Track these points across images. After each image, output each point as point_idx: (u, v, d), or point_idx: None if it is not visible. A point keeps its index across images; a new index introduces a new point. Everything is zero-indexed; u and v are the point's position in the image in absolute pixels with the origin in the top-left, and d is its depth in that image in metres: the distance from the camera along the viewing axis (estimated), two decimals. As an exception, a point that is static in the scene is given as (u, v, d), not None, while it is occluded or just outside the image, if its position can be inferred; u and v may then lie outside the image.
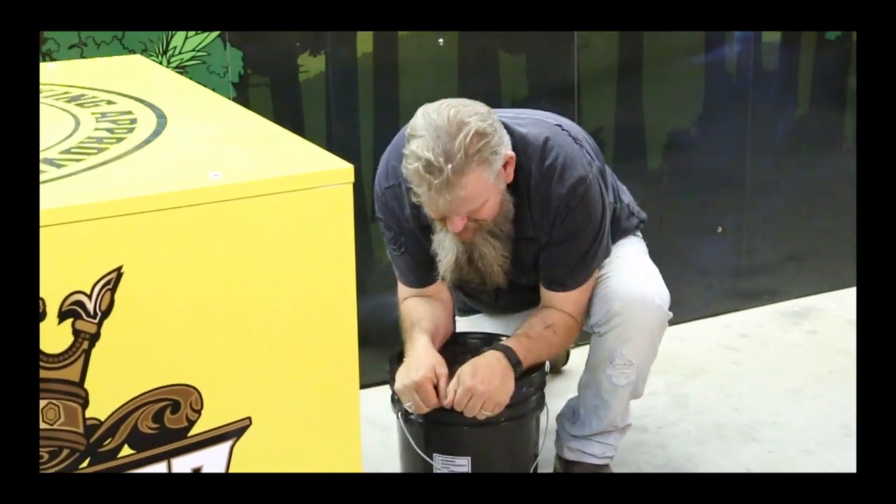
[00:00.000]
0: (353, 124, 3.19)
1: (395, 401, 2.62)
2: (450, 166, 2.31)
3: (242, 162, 1.88)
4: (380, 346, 2.73)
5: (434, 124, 2.34)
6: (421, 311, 2.67)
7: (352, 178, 1.81)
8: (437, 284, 2.69)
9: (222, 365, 1.77)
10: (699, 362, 3.58)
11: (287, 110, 3.10)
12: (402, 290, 2.73)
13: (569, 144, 2.54)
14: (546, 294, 2.63)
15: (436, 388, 2.50)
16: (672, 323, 3.72)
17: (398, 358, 2.65)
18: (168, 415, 1.75)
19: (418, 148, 2.33)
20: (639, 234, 2.85)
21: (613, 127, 3.59)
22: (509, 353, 2.54)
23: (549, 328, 2.60)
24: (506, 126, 2.47)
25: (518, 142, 2.50)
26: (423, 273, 2.65)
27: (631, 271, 2.65)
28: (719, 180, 3.82)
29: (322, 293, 1.82)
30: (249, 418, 1.82)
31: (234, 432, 1.81)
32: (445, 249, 2.55)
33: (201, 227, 1.71)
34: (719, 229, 3.86)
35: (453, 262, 2.55)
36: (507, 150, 2.44)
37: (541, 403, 2.65)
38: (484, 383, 2.49)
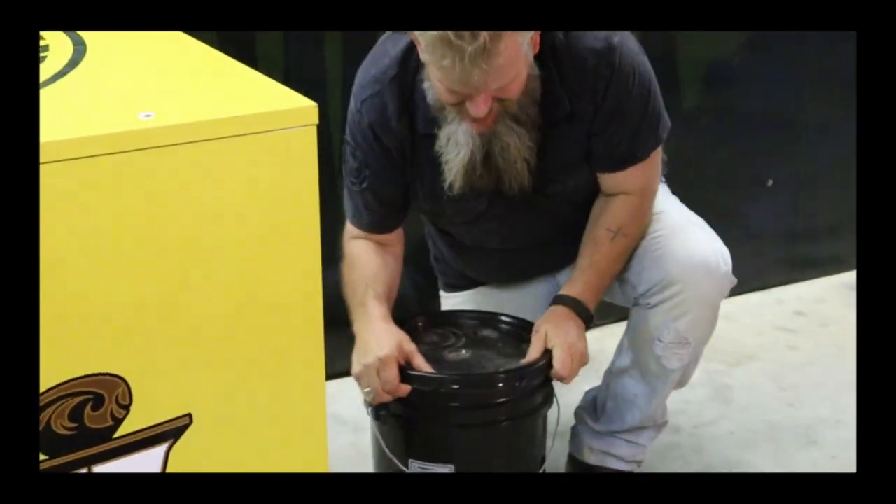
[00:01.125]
0: (316, 52, 3.18)
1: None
2: (485, 31, 2.30)
3: (180, 99, 1.87)
4: (349, 327, 2.73)
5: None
6: (374, 270, 2.66)
7: (316, 119, 1.81)
8: (396, 234, 2.70)
9: (156, 350, 1.78)
10: (745, 347, 3.59)
11: (234, 33, 3.08)
12: (351, 230, 2.73)
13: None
14: (611, 180, 2.64)
15: (402, 370, 2.50)
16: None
17: None
18: (88, 412, 1.75)
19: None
20: (663, 179, 2.87)
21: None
22: (579, 311, 2.60)
23: (616, 235, 2.63)
24: None
25: None
26: (384, 215, 2.66)
27: (686, 229, 2.66)
28: (769, 122, 3.83)
29: (279, 262, 1.83)
30: (189, 416, 1.82)
31: (170, 433, 1.82)
32: (458, 145, 2.53)
33: (129, 179, 1.71)
34: (770, 182, 3.87)
35: (467, 160, 2.53)
36: None
37: (549, 398, 2.65)
38: (581, 340, 2.57)
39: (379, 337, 2.52)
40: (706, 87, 3.70)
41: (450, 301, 2.96)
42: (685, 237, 2.64)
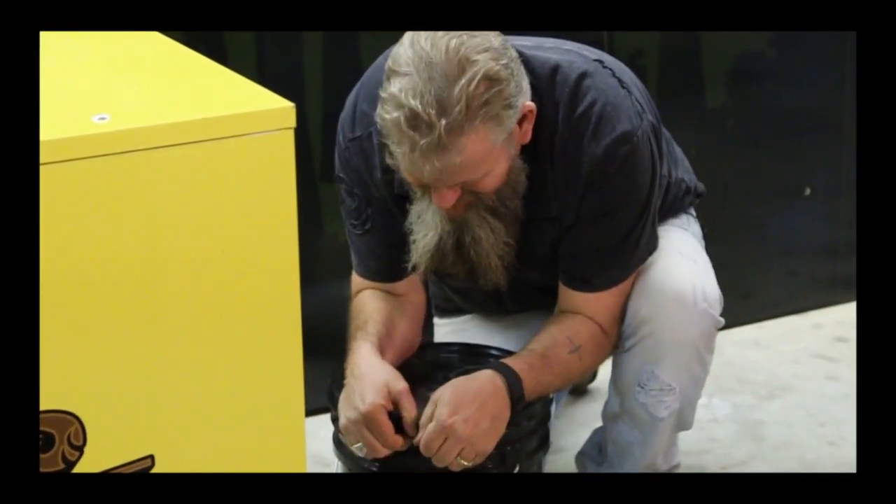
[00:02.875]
0: (294, 48, 3.19)
1: (339, 443, 2.59)
2: (444, 122, 2.26)
3: (139, 100, 1.88)
4: (333, 356, 2.73)
5: (427, 59, 2.28)
6: (371, 310, 2.64)
7: (293, 122, 1.81)
8: (409, 282, 2.68)
9: (113, 383, 1.78)
10: (779, 377, 3.60)
11: (203, 32, 3.10)
12: (357, 282, 2.72)
13: (612, 88, 2.50)
14: (567, 296, 2.62)
15: (392, 416, 2.47)
16: (743, 322, 3.75)
17: (340, 378, 2.63)
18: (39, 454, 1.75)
19: (401, 91, 2.28)
20: (692, 211, 2.86)
21: (658, 50, 3.60)
22: (512, 383, 2.50)
23: (575, 352, 2.58)
24: (523, 58, 2.46)
25: (541, 78, 2.47)
26: (392, 262, 2.62)
27: (668, 262, 2.63)
28: (807, 124, 3.84)
29: (254, 281, 1.83)
30: (151, 458, 1.83)
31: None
32: (426, 226, 2.50)
33: (81, 192, 1.71)
34: (807, 191, 3.88)
35: (434, 245, 2.50)
36: (525, 100, 2.40)
37: (543, 443, 2.65)
38: (468, 422, 2.42)
39: (362, 383, 2.48)
40: (733, 83, 3.71)
41: (443, 329, 2.95)
42: (662, 269, 2.60)
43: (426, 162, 2.28)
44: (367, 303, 2.65)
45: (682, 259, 2.63)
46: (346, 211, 2.65)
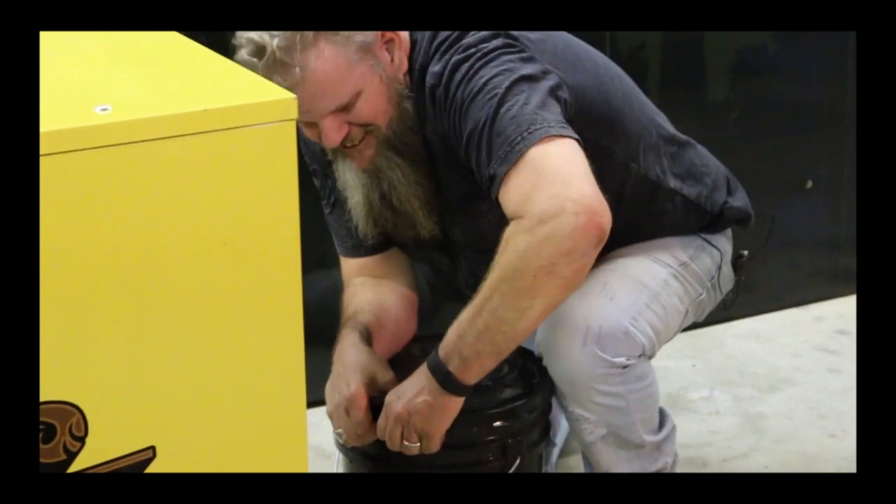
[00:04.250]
0: (297, 39, 3.19)
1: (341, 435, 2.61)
2: (276, 41, 2.33)
3: (141, 91, 1.87)
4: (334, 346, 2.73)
5: None
6: (362, 301, 2.66)
7: (295, 113, 1.81)
8: (394, 256, 2.68)
9: (114, 374, 1.77)
10: (781, 370, 3.60)
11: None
12: (345, 265, 2.74)
13: (483, 32, 2.45)
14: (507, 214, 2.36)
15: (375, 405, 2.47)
16: (744, 315, 3.74)
17: None
18: (40, 445, 1.75)
19: (242, 32, 2.38)
20: (710, 237, 2.76)
21: (660, 44, 3.59)
22: (431, 362, 2.41)
23: (488, 274, 2.32)
24: None
25: (430, 34, 2.49)
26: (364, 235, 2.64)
27: (581, 295, 2.47)
28: (809, 117, 3.84)
29: (256, 272, 1.82)
30: (153, 449, 1.82)
31: (131, 468, 1.82)
32: (350, 187, 2.53)
33: (83, 182, 1.70)
34: (809, 184, 3.88)
35: (364, 203, 2.52)
36: (385, 31, 2.43)
37: (544, 435, 2.63)
38: (401, 399, 2.41)
39: (348, 369, 2.50)
40: (735, 76, 3.71)
41: None
42: (570, 301, 2.44)
43: (272, 82, 2.17)
44: (358, 293, 2.67)
45: (595, 295, 2.51)
46: (320, 195, 2.69)
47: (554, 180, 2.25)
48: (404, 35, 2.47)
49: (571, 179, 2.26)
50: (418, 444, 2.42)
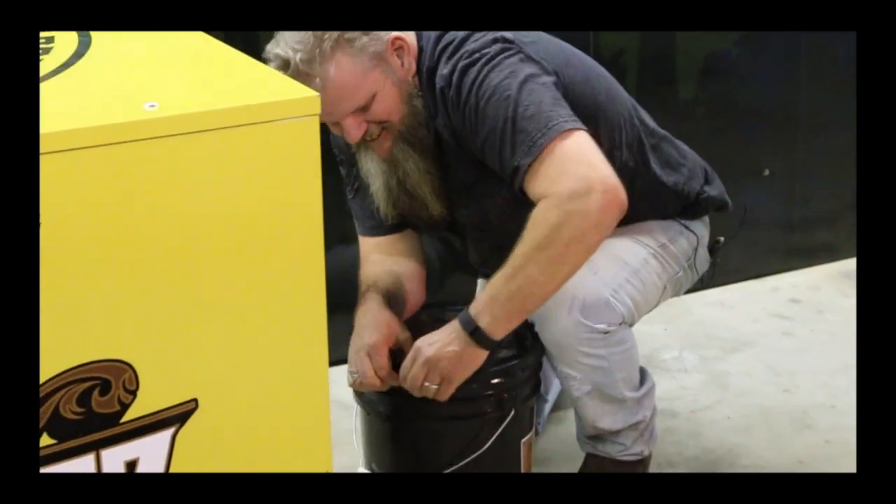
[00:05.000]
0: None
1: (359, 391, 2.61)
2: (299, 56, 2.35)
3: (184, 90, 1.87)
4: (353, 313, 2.73)
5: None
6: (380, 272, 2.67)
7: (318, 109, 1.81)
8: (407, 241, 2.69)
9: (162, 335, 1.78)
10: (742, 334, 3.60)
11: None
12: (364, 244, 2.74)
13: (483, 36, 2.45)
14: (531, 198, 2.39)
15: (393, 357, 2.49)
16: (710, 286, 3.76)
17: None
18: (96, 397, 1.75)
19: (271, 48, 2.40)
20: (686, 222, 2.75)
21: (637, 49, 3.58)
22: (463, 318, 2.43)
23: (518, 242, 2.34)
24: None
25: (426, 35, 2.49)
26: (382, 217, 2.66)
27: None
28: (766, 113, 3.83)
29: (283, 249, 1.82)
30: (195, 401, 1.82)
31: (176, 418, 1.82)
32: (371, 175, 2.55)
33: (134, 169, 1.71)
34: (766, 172, 3.87)
35: (384, 188, 2.54)
36: (390, 33, 2.43)
37: (535, 390, 2.63)
38: (433, 346, 2.44)
39: (372, 322, 2.53)
40: (703, 79, 3.70)
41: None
42: None
43: None
44: (376, 266, 2.68)
45: (581, 270, 2.44)
46: (344, 182, 2.70)
47: (579, 164, 2.31)
48: (412, 41, 2.46)
49: (595, 162, 2.33)
50: (437, 387, 2.44)
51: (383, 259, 2.69)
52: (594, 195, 2.28)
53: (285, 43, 2.38)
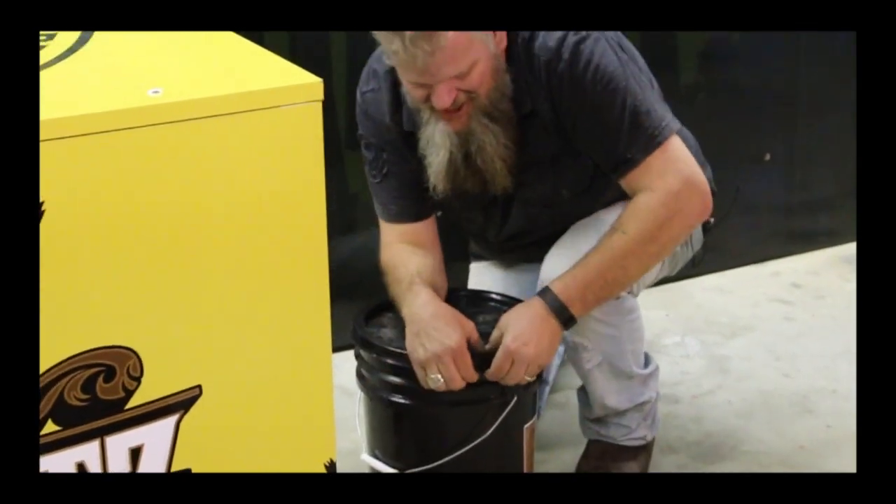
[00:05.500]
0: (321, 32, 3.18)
1: (361, 376, 2.61)
2: None
3: (188, 76, 1.87)
4: (356, 300, 2.73)
5: None
6: (419, 265, 2.62)
7: (321, 95, 1.80)
8: (429, 230, 2.67)
9: (166, 322, 1.78)
10: (742, 318, 3.60)
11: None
12: (388, 230, 2.68)
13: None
14: (627, 185, 2.47)
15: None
16: (710, 270, 3.74)
17: (371, 316, 2.63)
18: (101, 383, 1.75)
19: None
20: None
21: (639, 34, 3.57)
22: (548, 298, 2.46)
23: (616, 231, 2.43)
24: None
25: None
26: (412, 202, 2.62)
27: (570, 235, 2.57)
28: (767, 98, 3.82)
29: (287, 234, 1.82)
30: (199, 387, 1.83)
31: (180, 404, 1.82)
32: (436, 146, 2.49)
33: (138, 155, 1.71)
34: (767, 157, 3.87)
35: (446, 162, 2.49)
36: None
37: (538, 378, 2.62)
38: (529, 345, 2.44)
39: (442, 321, 2.49)
40: (704, 63, 3.69)
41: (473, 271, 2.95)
42: (565, 241, 2.57)
43: (417, 49, 2.28)
44: (411, 258, 2.63)
45: (596, 229, 2.52)
46: (367, 165, 2.64)
47: (684, 164, 2.46)
48: None
49: (695, 167, 2.48)
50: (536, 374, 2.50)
51: (413, 249, 2.64)
52: (696, 198, 2.45)
53: None
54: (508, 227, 2.71)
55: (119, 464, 1.80)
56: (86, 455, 1.76)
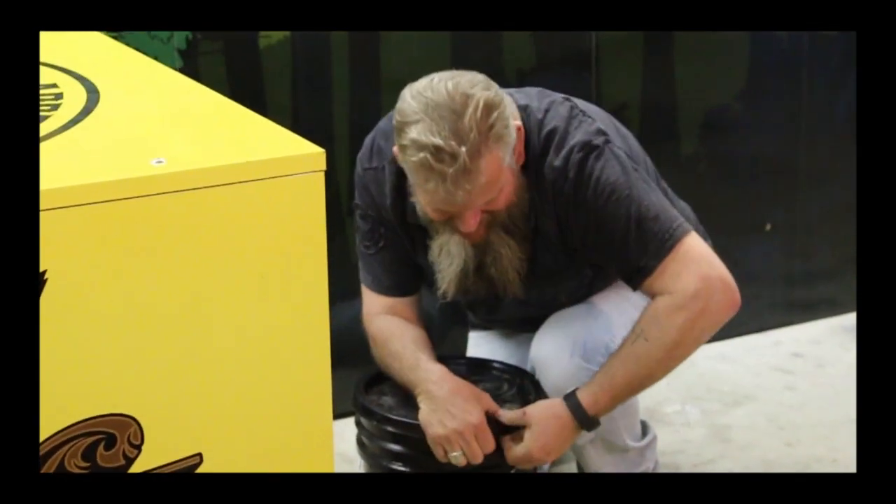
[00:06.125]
0: (324, 100, 3.19)
1: (361, 443, 2.60)
2: (464, 149, 2.24)
3: (191, 146, 1.88)
4: (357, 367, 2.73)
5: (432, 103, 2.27)
6: (413, 334, 2.61)
7: (323, 166, 1.81)
8: (410, 301, 2.66)
9: (167, 390, 1.77)
10: (744, 387, 3.59)
11: (245, 83, 3.10)
12: (374, 301, 2.66)
13: (571, 114, 2.47)
14: (646, 292, 2.47)
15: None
16: (712, 339, 3.74)
17: (371, 383, 2.62)
18: (101, 451, 1.75)
19: (419, 134, 2.26)
20: None
21: (639, 104, 3.59)
22: (578, 414, 2.45)
23: (637, 338, 2.43)
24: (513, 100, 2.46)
25: (520, 114, 2.46)
26: (404, 278, 2.62)
27: (571, 311, 2.60)
28: (767, 168, 3.83)
29: (288, 303, 1.82)
30: (200, 455, 1.82)
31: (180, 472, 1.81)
32: (451, 256, 2.47)
33: (141, 225, 1.71)
34: (768, 227, 3.87)
35: (459, 270, 2.47)
36: (517, 121, 2.39)
37: None
38: (548, 453, 2.47)
39: (461, 397, 2.48)
40: (704, 133, 3.71)
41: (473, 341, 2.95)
42: (559, 317, 2.59)
43: (458, 188, 2.26)
44: (404, 331, 2.62)
45: (583, 317, 2.56)
46: (361, 235, 2.63)
47: (700, 263, 2.41)
48: (521, 126, 2.42)
49: (713, 262, 2.45)
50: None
51: (407, 324, 2.63)
52: (717, 295, 2.41)
53: (430, 131, 2.26)
54: (501, 315, 2.73)
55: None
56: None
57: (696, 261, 2.42)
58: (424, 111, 2.28)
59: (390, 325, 2.63)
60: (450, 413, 2.44)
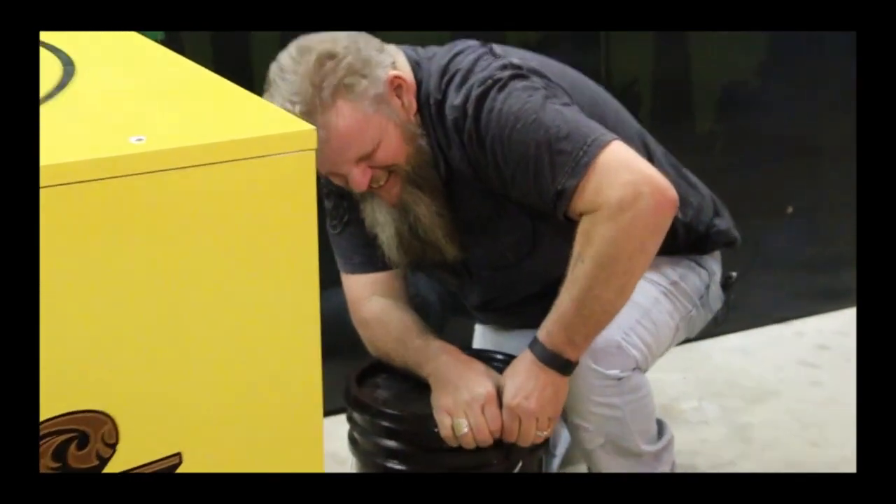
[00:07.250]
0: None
1: (354, 441, 2.59)
2: (298, 108, 2.35)
3: (173, 123, 1.87)
4: (349, 359, 2.72)
5: (277, 66, 2.42)
6: (413, 317, 2.65)
7: (314, 144, 1.80)
8: (392, 275, 2.68)
9: (144, 385, 1.76)
10: (765, 383, 3.59)
11: (231, 58, 3.09)
12: (355, 284, 2.70)
13: (479, 54, 2.50)
14: (573, 218, 2.43)
15: None
16: (730, 330, 3.74)
17: (363, 377, 2.62)
18: (73, 451, 1.74)
19: (271, 101, 2.36)
20: (699, 258, 2.77)
21: (650, 79, 3.59)
22: (536, 349, 2.46)
23: (577, 262, 2.38)
24: (415, 56, 2.53)
25: (424, 66, 2.52)
26: (373, 253, 2.64)
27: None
28: (789, 148, 3.83)
29: (275, 291, 1.82)
30: (179, 455, 1.81)
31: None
32: (380, 224, 2.55)
33: (119, 207, 1.70)
34: (790, 210, 3.87)
35: (395, 235, 2.54)
36: (387, 72, 2.44)
37: (544, 442, 2.61)
38: (530, 398, 2.45)
39: (473, 371, 2.51)
40: (721, 110, 3.70)
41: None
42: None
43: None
44: (402, 313, 2.66)
45: None
46: (327, 215, 2.68)
47: (619, 171, 2.35)
48: (410, 78, 2.48)
49: (636, 166, 2.38)
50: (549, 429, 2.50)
51: (398, 304, 2.67)
52: (643, 199, 2.34)
53: (280, 95, 2.38)
54: (477, 293, 2.73)
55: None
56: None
57: (616, 170, 2.36)
58: (274, 78, 2.43)
59: (384, 306, 2.67)
60: (459, 385, 2.48)
